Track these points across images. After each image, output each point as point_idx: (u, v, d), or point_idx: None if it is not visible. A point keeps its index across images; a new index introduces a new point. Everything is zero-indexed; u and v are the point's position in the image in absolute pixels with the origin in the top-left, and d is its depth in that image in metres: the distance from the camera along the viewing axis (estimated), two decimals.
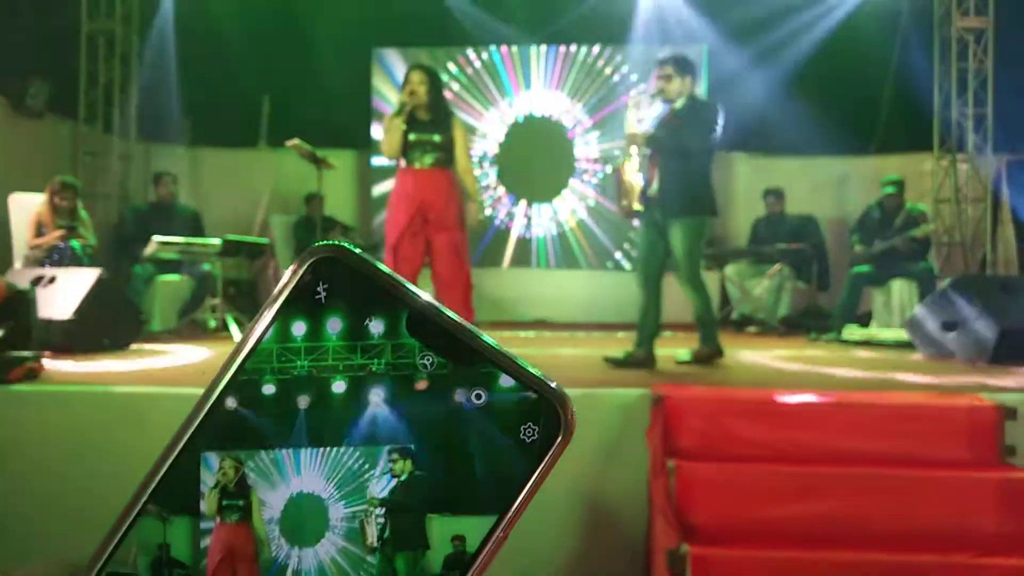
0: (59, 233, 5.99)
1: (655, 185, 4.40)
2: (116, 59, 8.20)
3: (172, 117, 8.57)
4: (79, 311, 4.91)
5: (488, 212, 8.76)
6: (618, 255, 8.66)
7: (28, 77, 7.36)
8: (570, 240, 8.84)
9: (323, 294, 0.37)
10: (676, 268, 4.39)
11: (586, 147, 8.81)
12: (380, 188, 8.80)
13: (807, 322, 7.02)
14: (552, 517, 3.36)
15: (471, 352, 0.37)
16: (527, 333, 6.98)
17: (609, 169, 8.61)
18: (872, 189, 7.26)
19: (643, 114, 4.50)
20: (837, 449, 3.21)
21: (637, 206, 4.44)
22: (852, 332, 6.30)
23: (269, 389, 0.37)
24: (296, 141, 5.46)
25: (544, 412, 0.37)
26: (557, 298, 8.20)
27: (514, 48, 8.85)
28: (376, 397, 0.37)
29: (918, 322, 5.39)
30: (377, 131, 8.72)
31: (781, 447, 3.21)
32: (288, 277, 0.37)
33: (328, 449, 0.37)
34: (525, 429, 0.36)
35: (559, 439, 0.37)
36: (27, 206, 6.14)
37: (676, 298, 4.78)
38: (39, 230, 6.03)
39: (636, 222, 4.74)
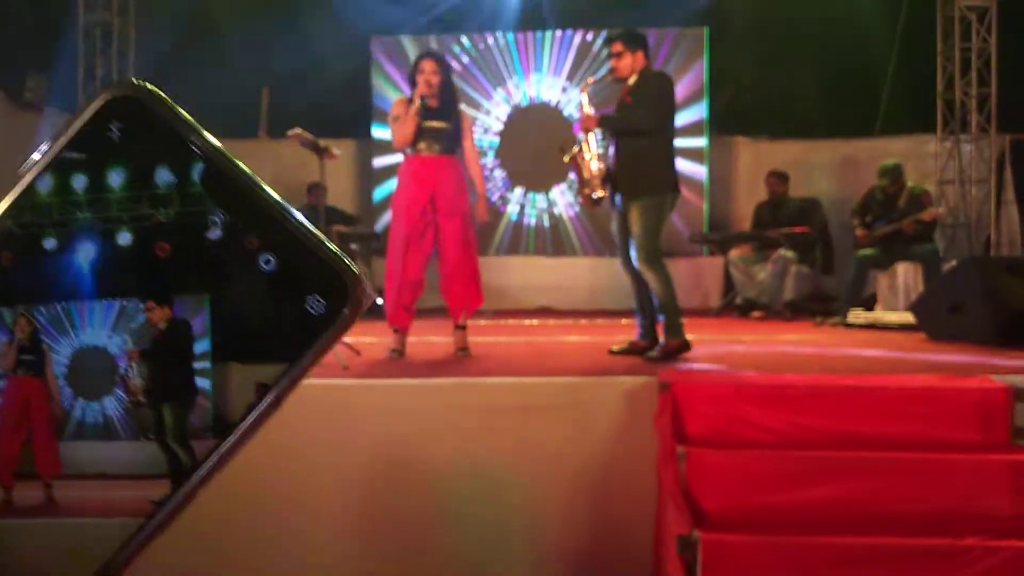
0: None
1: (615, 168, 4.28)
2: (113, 51, 8.16)
3: None
4: None
5: (503, 210, 8.74)
6: None
7: (26, 70, 7.33)
8: (570, 227, 8.81)
9: (116, 133, 0.36)
10: (635, 249, 4.20)
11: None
12: (382, 176, 8.77)
13: (812, 306, 6.99)
14: (560, 505, 3.36)
15: (268, 217, 0.36)
16: (531, 321, 6.97)
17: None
18: (876, 171, 7.21)
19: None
20: (847, 433, 3.19)
21: (600, 192, 4.32)
22: (857, 315, 6.28)
23: (50, 241, 0.36)
24: (298, 130, 5.43)
25: (333, 286, 0.36)
26: (559, 286, 8.18)
27: (517, 34, 8.79)
28: (161, 249, 0.36)
29: (924, 304, 5.37)
30: (381, 123, 8.67)
31: (791, 432, 3.19)
32: (82, 112, 0.36)
33: (113, 301, 0.36)
34: (311, 300, 0.36)
35: (345, 311, 0.36)
36: None
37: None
38: None
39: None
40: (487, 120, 8.86)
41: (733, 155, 8.78)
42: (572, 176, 4.76)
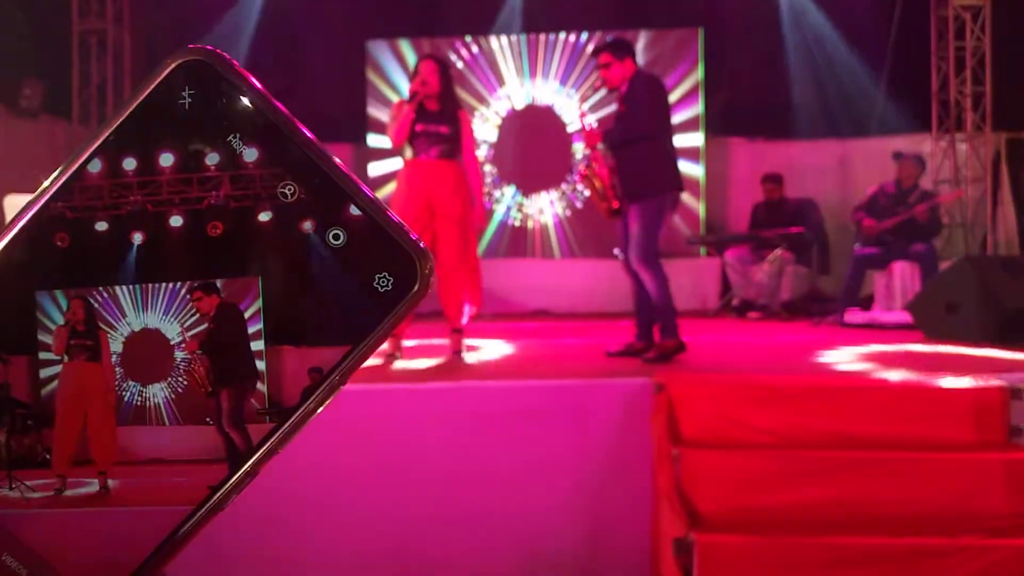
0: None
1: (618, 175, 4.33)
2: (108, 58, 8.16)
3: None
4: None
5: (489, 207, 8.74)
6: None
7: (22, 78, 7.33)
8: (567, 230, 8.81)
9: (188, 100, 0.35)
10: (631, 248, 4.20)
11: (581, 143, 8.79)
12: (378, 181, 8.77)
13: (809, 306, 7.00)
14: (557, 508, 3.36)
15: (339, 190, 0.35)
16: (528, 324, 6.97)
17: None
18: (872, 171, 7.22)
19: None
20: (842, 433, 3.19)
21: (615, 204, 4.35)
22: (854, 315, 6.28)
23: (102, 225, 0.35)
24: None
25: (402, 264, 0.35)
26: (557, 288, 8.18)
27: (512, 37, 8.80)
28: (226, 226, 0.36)
29: (920, 304, 5.37)
30: (378, 113, 8.68)
31: (786, 432, 3.19)
32: (149, 79, 0.35)
33: (172, 284, 0.36)
34: (380, 278, 0.35)
35: (414, 290, 0.35)
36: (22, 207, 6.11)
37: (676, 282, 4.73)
38: None
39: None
40: (484, 123, 8.86)
41: (729, 156, 8.79)
42: (585, 191, 4.85)
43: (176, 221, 0.36)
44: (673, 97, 4.60)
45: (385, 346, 4.50)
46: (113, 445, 0.36)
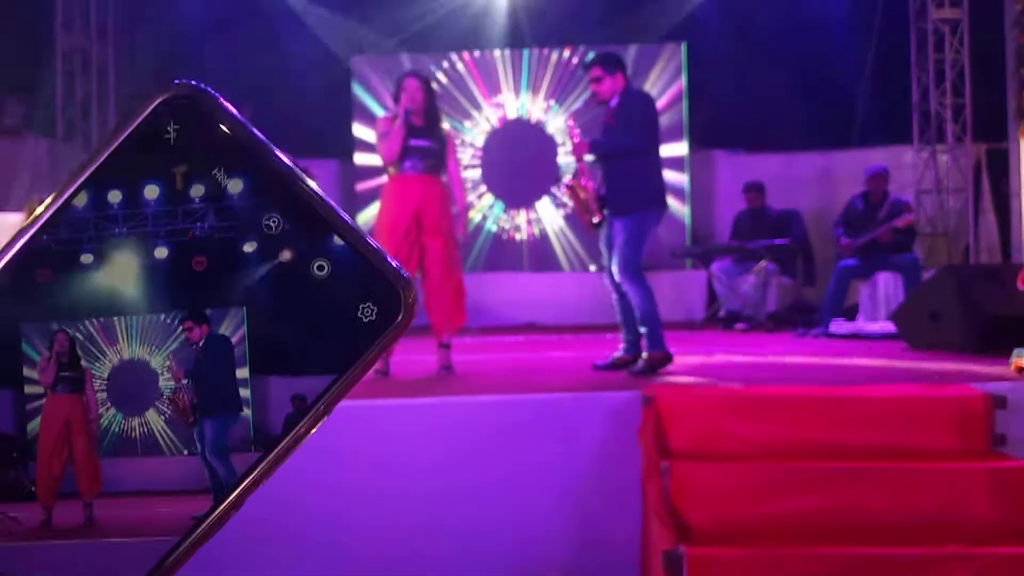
0: None
1: (603, 189, 4.35)
2: (92, 74, 8.14)
3: None
4: None
5: (475, 221, 8.75)
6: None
7: (4, 95, 7.29)
8: (555, 243, 8.84)
9: (172, 135, 0.35)
10: (616, 262, 4.22)
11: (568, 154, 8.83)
12: (365, 196, 8.77)
13: (794, 317, 7.04)
14: (545, 521, 3.35)
15: (323, 222, 0.36)
16: (515, 338, 6.97)
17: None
18: (854, 182, 7.29)
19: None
20: (828, 444, 3.21)
21: (597, 218, 4.34)
22: (839, 326, 6.33)
23: (88, 256, 0.36)
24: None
25: (385, 294, 0.36)
26: (544, 301, 8.19)
27: (496, 52, 8.84)
28: (208, 259, 0.36)
29: (904, 313, 5.41)
30: (362, 132, 8.69)
31: (774, 444, 3.21)
32: (134, 114, 0.35)
33: (156, 316, 0.36)
34: (364, 308, 0.36)
35: (398, 320, 0.36)
36: (7, 226, 6.07)
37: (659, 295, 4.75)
38: None
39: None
40: (469, 137, 8.89)
41: (713, 168, 8.85)
42: (569, 203, 4.83)
43: (161, 253, 0.36)
44: (657, 110, 4.61)
45: None
46: (98, 477, 0.36)
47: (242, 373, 0.36)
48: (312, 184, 0.36)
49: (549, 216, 8.85)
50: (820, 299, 7.00)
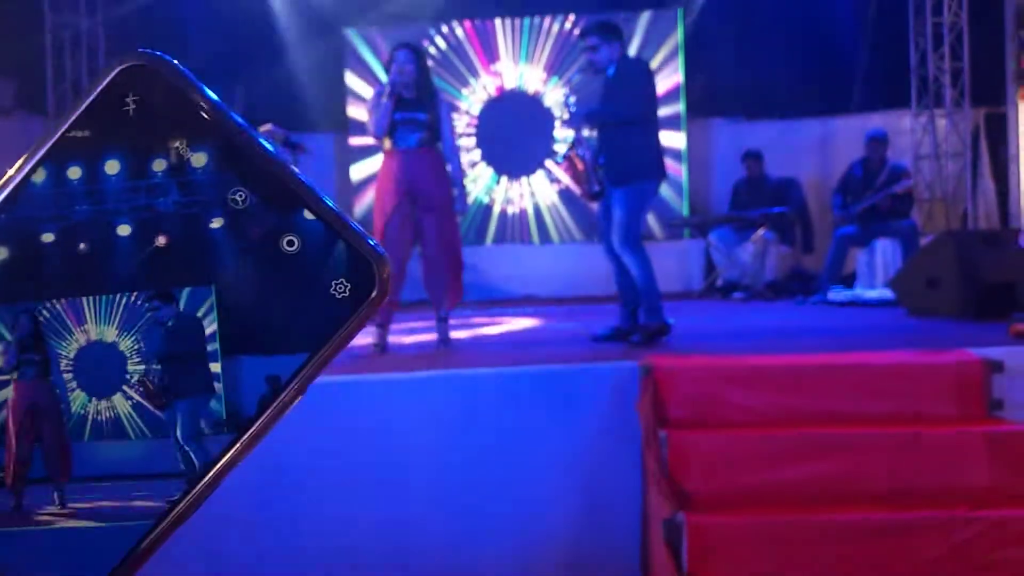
0: None
1: (601, 159, 4.32)
2: (83, 52, 8.06)
3: None
4: None
5: (472, 193, 8.72)
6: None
7: None
8: (552, 214, 8.81)
9: (132, 107, 0.34)
10: (615, 232, 4.21)
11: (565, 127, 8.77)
12: (359, 169, 8.73)
13: (793, 285, 7.04)
14: (546, 492, 3.37)
15: (292, 196, 0.34)
16: (514, 310, 6.97)
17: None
18: (852, 149, 7.25)
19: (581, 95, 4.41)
20: (828, 411, 3.22)
21: (597, 186, 4.34)
22: (838, 293, 6.33)
23: (50, 234, 0.35)
24: (269, 126, 5.39)
25: (358, 269, 0.35)
26: (542, 273, 8.19)
27: (496, 21, 8.74)
28: (171, 235, 0.35)
29: (902, 280, 5.41)
30: (357, 111, 8.62)
31: (771, 412, 3.22)
32: (92, 86, 0.34)
33: (120, 295, 0.35)
34: (337, 284, 0.35)
35: (372, 295, 0.35)
36: None
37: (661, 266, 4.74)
38: None
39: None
40: (465, 104, 8.83)
41: (710, 136, 8.79)
42: (565, 176, 4.81)
43: (124, 230, 0.35)
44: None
45: (372, 337, 4.48)
46: (68, 461, 0.36)
47: (212, 354, 0.35)
48: (278, 156, 0.35)
49: (543, 191, 8.81)
50: (819, 267, 7.00)
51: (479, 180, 8.83)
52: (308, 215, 0.35)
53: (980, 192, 7.95)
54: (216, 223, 0.35)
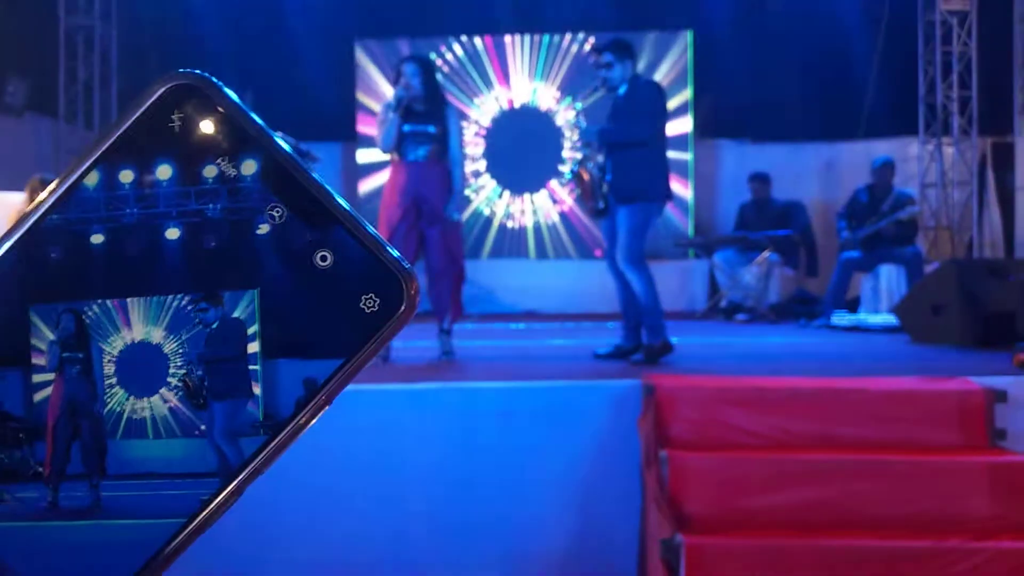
0: None
1: (608, 177, 4.34)
2: (95, 55, 8.11)
3: None
4: None
5: (474, 204, 8.73)
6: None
7: (6, 74, 7.27)
8: (557, 230, 8.82)
9: (177, 124, 0.35)
10: (619, 250, 4.22)
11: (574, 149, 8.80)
12: (367, 180, 8.75)
13: (796, 309, 7.03)
14: (544, 509, 3.36)
15: (326, 213, 0.36)
16: (516, 325, 6.97)
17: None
18: (858, 174, 7.27)
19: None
20: (828, 435, 3.21)
21: (603, 203, 4.35)
22: (841, 318, 6.32)
23: (98, 236, 0.36)
24: (279, 134, 5.39)
25: (387, 285, 0.36)
26: (545, 289, 8.19)
27: (504, 37, 8.78)
28: (214, 244, 0.36)
29: (907, 306, 5.41)
30: (366, 125, 8.66)
31: (773, 434, 3.21)
32: (140, 101, 0.35)
33: (165, 298, 0.36)
34: (366, 299, 0.36)
35: (401, 311, 0.36)
36: (8, 205, 6.06)
37: (664, 286, 4.75)
38: None
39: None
40: (475, 114, 8.85)
41: (716, 157, 8.82)
42: (568, 198, 4.87)
43: (173, 233, 0.36)
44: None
45: None
46: (104, 458, 0.36)
47: (253, 356, 0.36)
48: (314, 174, 0.36)
49: (546, 209, 8.82)
50: (822, 290, 6.99)
51: (481, 191, 8.85)
52: (341, 231, 0.36)
53: (986, 221, 7.96)
54: (262, 229, 0.36)
